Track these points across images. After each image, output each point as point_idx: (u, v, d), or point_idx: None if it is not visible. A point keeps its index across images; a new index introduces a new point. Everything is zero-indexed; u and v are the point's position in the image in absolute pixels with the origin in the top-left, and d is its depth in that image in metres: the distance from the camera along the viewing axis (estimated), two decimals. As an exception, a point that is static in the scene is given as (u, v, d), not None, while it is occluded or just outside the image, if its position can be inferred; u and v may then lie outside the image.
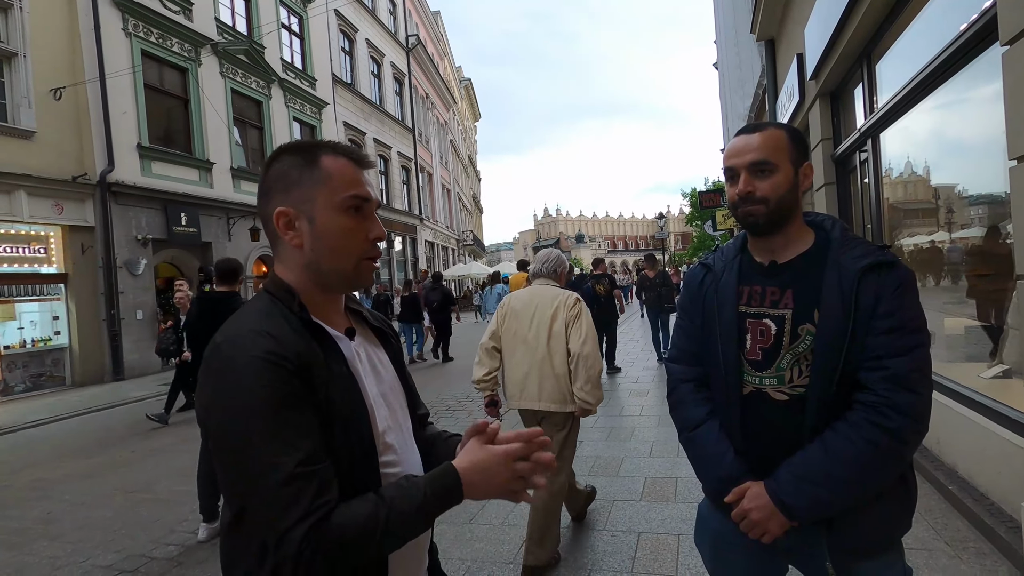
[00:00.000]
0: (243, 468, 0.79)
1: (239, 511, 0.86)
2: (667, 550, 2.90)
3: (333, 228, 0.92)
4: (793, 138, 1.23)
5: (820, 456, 1.11)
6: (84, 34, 10.71)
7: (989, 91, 3.03)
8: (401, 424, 1.02)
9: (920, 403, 1.09)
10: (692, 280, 1.39)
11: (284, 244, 0.94)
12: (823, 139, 6.09)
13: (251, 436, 0.78)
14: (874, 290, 1.11)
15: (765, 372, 1.20)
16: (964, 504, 2.94)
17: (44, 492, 4.74)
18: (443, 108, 34.59)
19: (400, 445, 0.99)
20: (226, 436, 0.80)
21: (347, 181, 0.93)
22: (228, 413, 0.80)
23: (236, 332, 0.85)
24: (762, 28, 8.26)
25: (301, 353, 0.84)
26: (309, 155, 0.94)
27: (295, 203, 0.92)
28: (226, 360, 0.82)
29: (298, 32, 17.92)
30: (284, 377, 0.81)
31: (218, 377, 0.82)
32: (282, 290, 0.93)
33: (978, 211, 3.81)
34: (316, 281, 0.95)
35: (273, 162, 0.96)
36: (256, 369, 0.80)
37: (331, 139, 0.99)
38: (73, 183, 10.49)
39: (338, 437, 0.86)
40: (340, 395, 0.88)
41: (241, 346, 0.82)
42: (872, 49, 4.80)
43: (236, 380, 0.80)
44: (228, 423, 0.80)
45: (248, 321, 0.87)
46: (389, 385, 1.03)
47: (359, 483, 0.87)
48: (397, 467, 0.97)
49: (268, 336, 0.83)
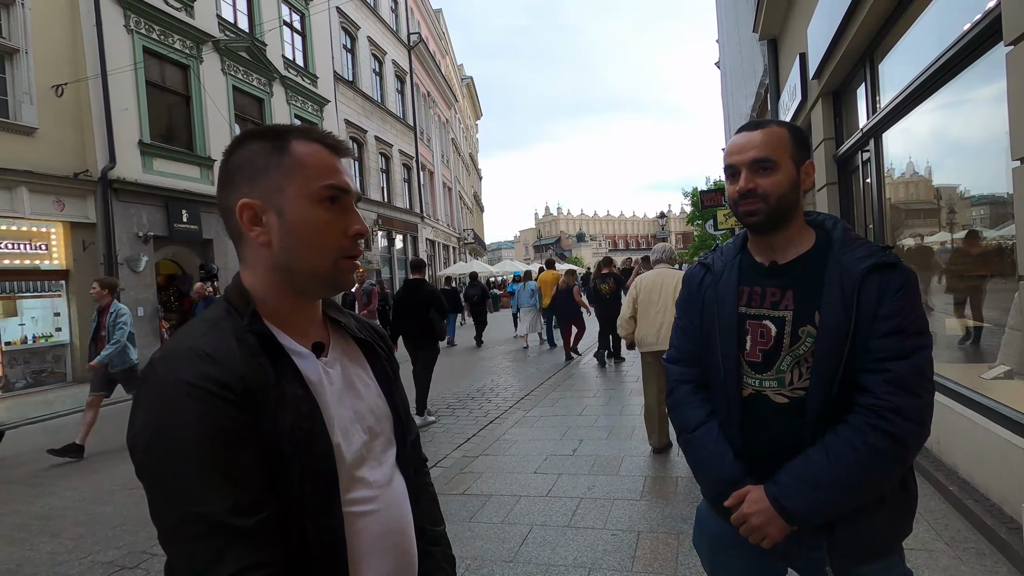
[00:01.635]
0: (164, 510, 0.68)
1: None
2: (667, 549, 2.90)
3: (306, 222, 0.79)
4: (795, 136, 1.22)
5: (821, 460, 1.10)
6: (86, 31, 10.71)
7: (992, 91, 3.03)
8: (380, 454, 0.87)
9: (922, 406, 1.08)
10: (691, 280, 1.38)
11: (249, 242, 0.81)
12: (825, 139, 6.08)
13: (174, 476, 0.67)
14: (876, 291, 1.10)
15: (765, 374, 1.19)
16: (964, 505, 2.94)
17: (45, 488, 4.75)
18: (444, 106, 34.56)
19: (377, 479, 0.85)
20: (150, 470, 0.69)
21: (322, 169, 0.81)
22: (152, 444, 0.69)
23: (174, 348, 0.73)
24: (765, 27, 8.23)
25: (244, 377, 0.72)
26: (278, 140, 0.81)
27: (262, 194, 0.79)
28: (158, 383, 0.71)
29: (300, 29, 17.90)
30: (220, 409, 0.69)
31: (148, 401, 0.71)
32: (238, 297, 0.80)
33: (980, 212, 3.80)
34: (286, 285, 0.82)
35: (237, 148, 0.83)
36: (186, 398, 0.68)
37: (306, 125, 0.89)
38: (74, 179, 10.49)
39: (288, 473, 0.73)
40: (292, 422, 0.74)
41: (174, 368, 0.71)
42: (875, 49, 4.79)
43: (164, 408, 0.69)
44: (151, 456, 0.69)
45: (191, 336, 0.75)
46: (369, 407, 0.88)
47: (315, 528, 0.75)
48: (370, 504, 0.82)
49: (206, 358, 0.71)
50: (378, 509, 0.83)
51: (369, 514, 0.82)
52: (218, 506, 0.66)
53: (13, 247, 10.06)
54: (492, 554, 2.97)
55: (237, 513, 0.67)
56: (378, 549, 0.82)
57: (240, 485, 0.68)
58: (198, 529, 0.66)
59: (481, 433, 5.45)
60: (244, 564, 0.65)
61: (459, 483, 4.06)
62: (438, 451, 4.93)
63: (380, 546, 0.83)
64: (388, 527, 0.85)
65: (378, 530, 0.83)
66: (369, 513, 0.82)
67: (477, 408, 6.66)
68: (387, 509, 0.85)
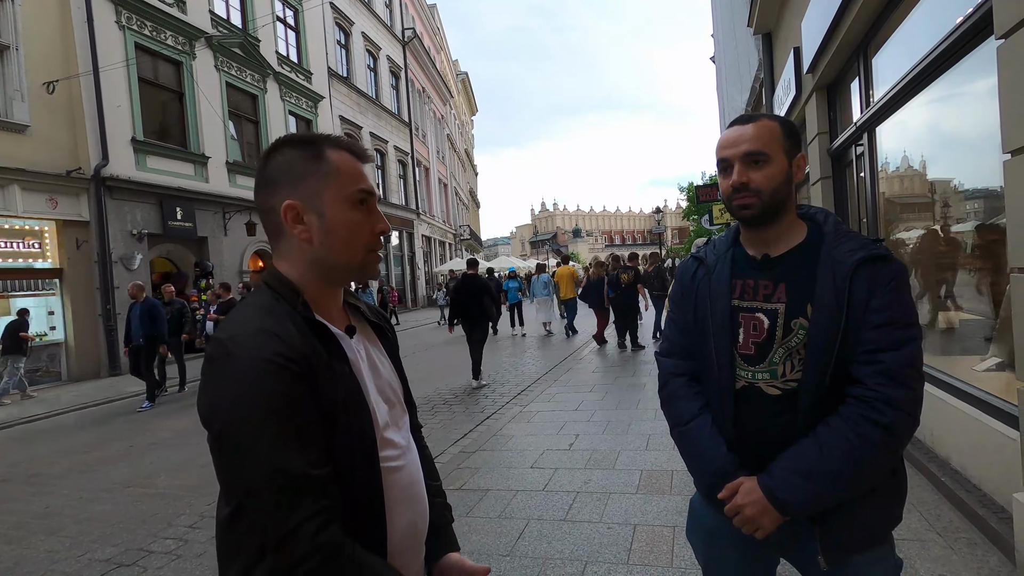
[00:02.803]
0: (248, 469, 0.79)
1: (236, 508, 0.86)
2: (663, 542, 2.92)
3: (342, 222, 0.92)
4: (786, 129, 1.22)
5: (814, 451, 1.11)
6: (77, 27, 10.62)
7: (984, 85, 3.04)
8: (399, 419, 1.03)
9: (913, 397, 1.09)
10: (684, 273, 1.38)
11: (290, 238, 0.93)
12: (819, 133, 6.09)
13: (259, 438, 0.78)
14: (867, 284, 1.11)
15: (758, 367, 1.20)
16: (956, 495, 2.97)
17: (42, 487, 4.74)
18: (440, 102, 34.44)
19: (400, 439, 1.00)
20: (232, 436, 0.80)
21: (353, 175, 0.94)
22: (235, 413, 0.79)
23: (242, 331, 0.83)
24: (759, 21, 8.23)
25: (307, 355, 0.84)
26: (314, 149, 0.93)
27: (303, 197, 0.91)
28: (233, 360, 0.81)
29: (293, 25, 17.80)
30: (290, 381, 0.80)
31: (224, 376, 0.81)
32: (285, 287, 0.91)
33: (974, 205, 3.82)
34: (321, 275, 0.94)
35: (274, 154, 0.94)
36: (263, 371, 0.79)
37: (328, 132, 1.00)
38: (67, 177, 10.43)
39: (340, 438, 0.86)
40: (343, 396, 0.87)
41: (248, 346, 0.81)
42: (869, 42, 4.80)
43: (243, 381, 0.79)
44: (235, 423, 0.79)
45: (253, 319, 0.85)
46: (387, 381, 1.03)
47: (361, 482, 0.88)
48: (399, 461, 0.97)
49: (275, 337, 0.82)
50: (403, 465, 0.98)
51: (397, 470, 0.96)
52: (296, 461, 0.79)
53: (6, 246, 10.00)
54: (489, 548, 2.98)
55: (311, 466, 0.80)
56: (404, 499, 0.97)
57: (310, 444, 0.81)
58: (281, 481, 0.78)
59: (478, 428, 5.46)
60: (319, 507, 0.79)
61: (456, 478, 4.07)
62: (435, 447, 4.94)
63: (405, 496, 0.97)
64: (410, 480, 1.00)
65: (404, 482, 0.97)
66: (397, 469, 0.96)
67: (474, 404, 6.67)
68: (409, 465, 1.00)
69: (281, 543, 0.77)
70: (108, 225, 11.05)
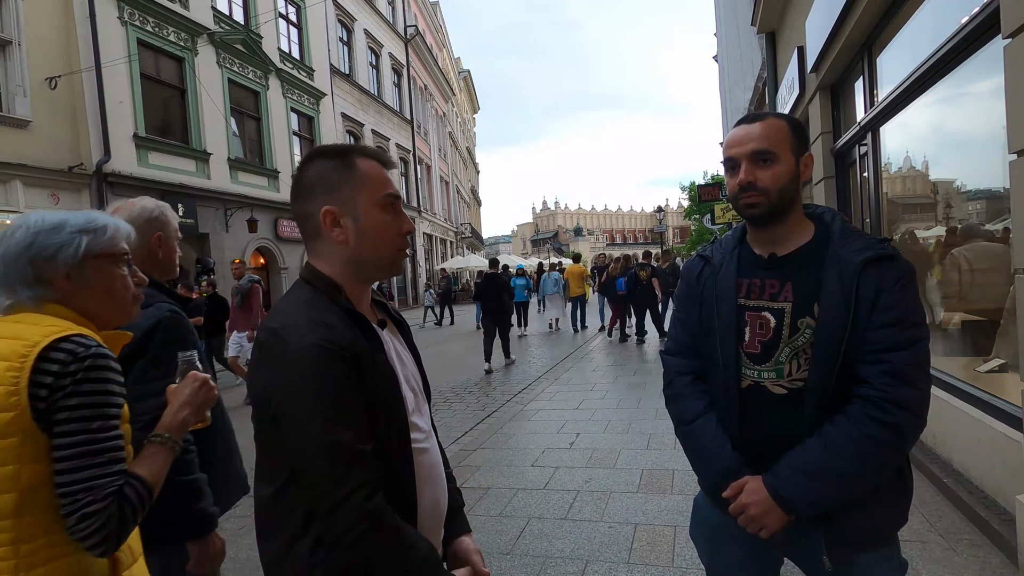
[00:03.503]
0: (302, 443, 0.88)
1: (283, 484, 0.94)
2: (664, 541, 2.91)
3: (375, 224, 1.02)
4: (794, 128, 1.22)
5: (819, 451, 1.10)
6: (79, 22, 10.61)
7: (990, 85, 3.03)
8: (422, 406, 1.13)
9: (920, 397, 1.09)
10: (690, 272, 1.38)
11: (327, 240, 1.02)
12: (823, 132, 6.08)
13: (314, 415, 0.88)
14: (875, 283, 1.10)
15: (764, 366, 1.20)
16: (959, 497, 2.97)
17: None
18: (442, 100, 34.42)
19: (423, 424, 1.10)
20: (289, 413, 0.89)
21: (382, 181, 1.04)
22: (292, 392, 0.89)
23: (294, 321, 0.94)
24: (763, 20, 8.21)
25: (352, 343, 0.94)
26: (345, 158, 1.03)
27: (339, 203, 1.01)
28: (287, 345, 0.90)
29: (296, 22, 17.77)
30: (339, 364, 0.90)
31: (279, 360, 0.91)
32: (326, 284, 1.01)
33: (977, 206, 3.81)
34: (357, 273, 1.04)
35: (309, 165, 1.04)
36: (316, 355, 0.89)
37: (361, 144, 1.08)
38: (69, 173, 10.43)
39: (380, 419, 0.96)
40: (382, 383, 0.97)
41: (301, 334, 0.91)
42: (873, 42, 4.78)
43: (298, 363, 0.89)
44: (292, 402, 0.89)
45: (302, 310, 0.96)
46: (411, 371, 1.12)
47: (396, 460, 0.98)
48: (424, 443, 1.07)
49: (323, 325, 0.93)
50: (428, 448, 1.09)
51: (423, 451, 1.06)
52: (346, 435, 0.89)
53: (8, 241, 10.00)
54: (490, 546, 2.98)
55: (360, 441, 0.90)
56: (430, 477, 1.07)
57: (358, 422, 0.92)
58: (333, 453, 0.88)
59: (479, 427, 5.46)
60: (367, 477, 0.90)
61: (457, 476, 4.03)
62: (436, 445, 4.93)
63: (431, 475, 1.08)
64: (434, 461, 1.11)
65: (429, 463, 1.08)
66: (423, 451, 1.06)
67: (475, 402, 6.67)
68: (432, 448, 1.11)
69: (334, 509, 0.86)
70: (110, 221, 11.06)
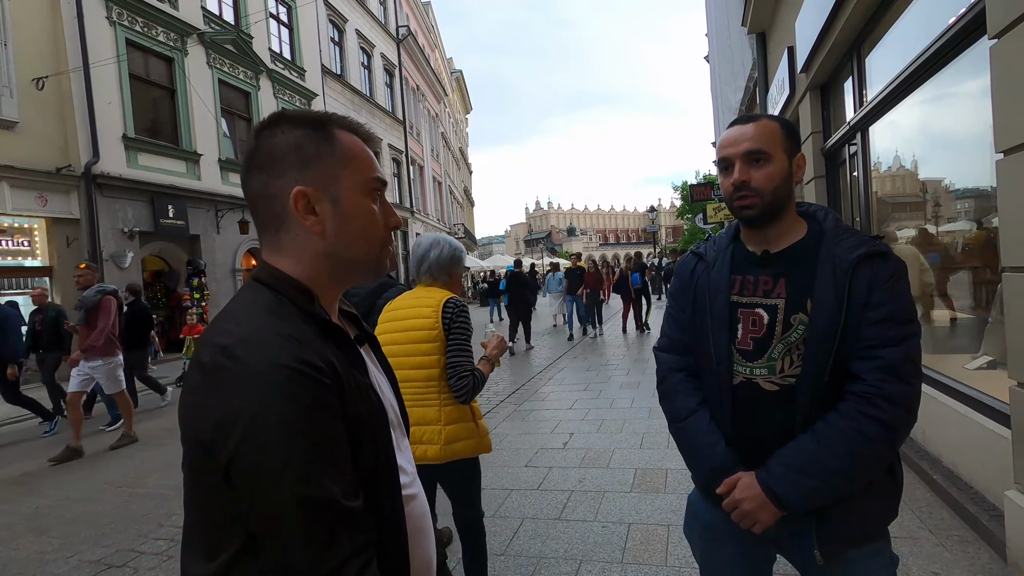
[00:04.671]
0: (271, 497, 0.64)
1: (231, 559, 0.68)
2: (657, 540, 2.92)
3: (360, 212, 0.80)
4: (786, 129, 1.24)
5: (812, 447, 1.11)
6: (67, 22, 10.50)
7: (976, 85, 3.06)
8: (401, 442, 0.90)
9: (911, 393, 1.10)
10: (684, 269, 1.39)
11: (297, 229, 0.78)
12: (813, 132, 6.11)
13: (287, 461, 0.64)
14: (867, 280, 1.12)
15: (756, 362, 1.21)
16: (948, 493, 2.99)
17: (31, 487, 4.69)
18: (434, 100, 34.36)
19: (407, 465, 0.88)
20: (251, 459, 0.64)
21: (368, 161, 0.83)
22: (256, 430, 0.64)
23: (254, 335, 0.69)
24: (753, 21, 8.25)
25: (331, 362, 0.71)
26: (322, 128, 0.80)
27: (315, 182, 0.78)
28: (246, 367, 0.66)
29: (287, 22, 17.68)
30: (321, 391, 0.68)
31: (234, 387, 0.65)
32: (291, 287, 0.77)
33: (965, 205, 3.85)
34: (333, 272, 0.81)
35: (273, 130, 0.79)
36: (286, 380, 0.66)
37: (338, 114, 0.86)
38: (57, 174, 10.32)
39: (366, 464, 0.74)
40: (366, 410, 0.75)
41: (264, 352, 0.67)
42: (862, 42, 4.82)
43: (262, 392, 0.65)
44: (254, 442, 0.64)
45: (262, 321, 0.72)
46: (389, 399, 0.90)
47: (386, 511, 0.76)
48: (411, 488, 0.86)
49: (293, 340, 0.69)
50: (416, 494, 0.87)
51: (411, 498, 0.84)
52: (331, 488, 0.65)
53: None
54: (484, 547, 2.97)
55: (347, 496, 0.67)
56: (420, 530, 0.87)
57: (345, 467, 0.68)
58: (313, 511, 0.64)
59: (472, 427, 5.45)
60: (358, 543, 0.66)
61: (450, 477, 4.06)
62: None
63: (421, 527, 0.87)
64: (422, 511, 0.89)
65: (417, 512, 0.87)
66: (411, 497, 0.84)
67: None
68: (420, 494, 0.89)
69: None
70: (99, 223, 10.94)
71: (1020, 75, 2.28)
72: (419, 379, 2.06)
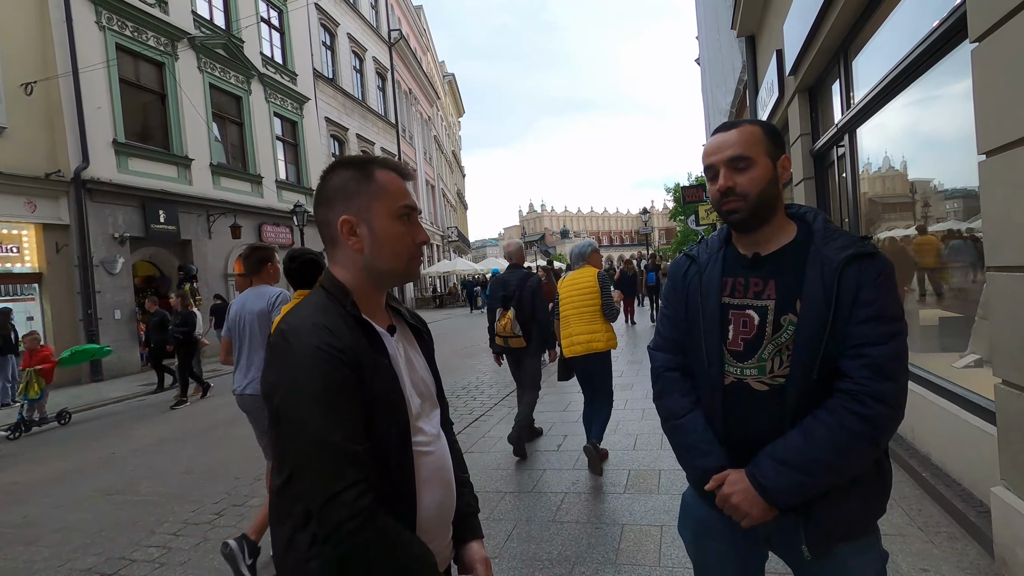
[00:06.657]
0: (298, 440, 0.92)
1: (288, 478, 1.00)
2: (650, 541, 2.93)
3: (389, 234, 1.07)
4: (768, 132, 1.26)
5: (799, 441, 1.14)
6: (55, 27, 10.44)
7: (960, 88, 3.10)
8: (431, 412, 1.17)
9: (898, 391, 1.12)
10: (676, 271, 1.41)
11: (344, 248, 1.07)
12: (802, 134, 6.17)
13: (308, 414, 0.92)
14: (855, 279, 1.14)
15: (747, 363, 1.22)
16: (937, 490, 3.02)
17: (20, 496, 4.64)
18: (426, 103, 34.37)
19: (430, 428, 1.13)
20: (287, 411, 0.94)
21: (399, 192, 1.08)
22: (290, 393, 0.93)
23: (300, 323, 0.99)
24: (742, 24, 8.32)
25: (352, 347, 0.97)
26: (364, 169, 1.08)
27: (356, 212, 1.06)
28: (290, 347, 0.96)
29: (278, 26, 17.66)
30: (337, 367, 0.94)
31: (283, 360, 0.96)
32: (337, 289, 1.06)
33: (953, 205, 3.89)
34: (371, 280, 1.09)
35: (331, 175, 1.09)
36: (315, 358, 0.93)
37: (381, 156, 1.22)
38: (46, 180, 10.24)
39: (379, 422, 0.99)
40: (382, 385, 1.01)
41: (303, 336, 0.96)
42: (849, 45, 4.87)
43: (298, 365, 0.94)
44: (290, 401, 0.93)
45: (309, 314, 1.01)
46: (421, 377, 1.16)
47: (395, 462, 1.01)
48: (429, 447, 1.11)
49: (326, 330, 0.97)
50: (433, 451, 1.12)
51: (427, 454, 1.09)
52: (338, 435, 0.92)
53: (-18, 250, 9.79)
54: (478, 550, 2.97)
55: (353, 441, 0.93)
56: (433, 480, 1.10)
57: (351, 422, 0.94)
58: (328, 452, 0.91)
59: (467, 430, 5.45)
60: (358, 477, 0.92)
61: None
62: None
63: (434, 478, 1.10)
64: (439, 464, 1.13)
65: (434, 466, 1.11)
66: (427, 453, 1.09)
67: (462, 406, 6.65)
68: (438, 452, 1.14)
69: (325, 505, 0.89)
70: (89, 228, 10.86)
71: (1001, 78, 2.32)
72: (590, 312, 4.09)
